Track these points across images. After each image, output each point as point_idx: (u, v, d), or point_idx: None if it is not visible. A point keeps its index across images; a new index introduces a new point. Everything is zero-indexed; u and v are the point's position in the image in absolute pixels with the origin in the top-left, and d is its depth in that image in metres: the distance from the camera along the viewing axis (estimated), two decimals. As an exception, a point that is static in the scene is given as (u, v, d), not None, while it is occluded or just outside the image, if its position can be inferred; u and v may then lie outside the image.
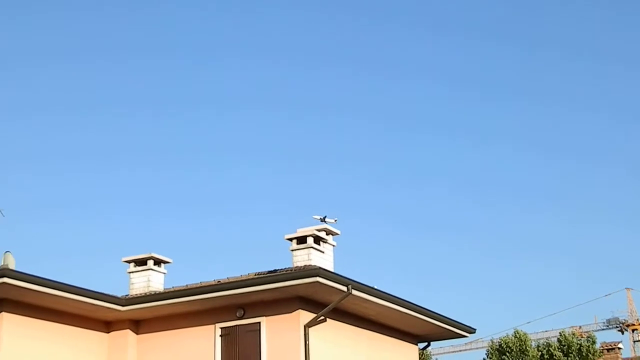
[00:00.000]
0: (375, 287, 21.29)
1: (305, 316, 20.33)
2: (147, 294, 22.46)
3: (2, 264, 20.28)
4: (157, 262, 23.66)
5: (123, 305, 21.37)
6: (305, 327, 20.18)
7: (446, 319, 24.44)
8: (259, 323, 20.64)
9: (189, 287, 22.07)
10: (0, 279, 18.84)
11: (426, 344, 26.12)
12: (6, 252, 20.66)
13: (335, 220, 22.38)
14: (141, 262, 23.58)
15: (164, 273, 23.76)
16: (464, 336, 26.07)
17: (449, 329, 24.89)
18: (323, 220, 22.19)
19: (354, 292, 20.25)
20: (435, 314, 23.83)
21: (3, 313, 19.71)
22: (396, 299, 21.95)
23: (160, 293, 22.17)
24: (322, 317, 20.58)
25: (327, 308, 20.36)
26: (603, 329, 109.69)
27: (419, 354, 26.14)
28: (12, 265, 20.22)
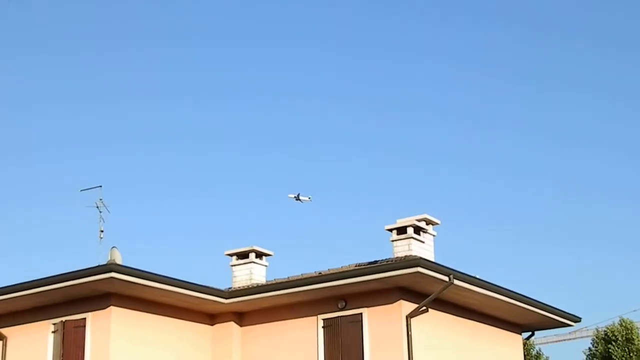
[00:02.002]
0: (477, 276, 21.09)
1: (407, 307, 20.25)
2: (250, 286, 22.63)
3: (109, 259, 20.61)
4: (259, 254, 23.85)
5: (226, 298, 21.56)
6: (407, 317, 20.10)
7: (551, 308, 24.06)
8: (361, 314, 20.59)
9: (290, 279, 22.19)
10: (108, 274, 19.18)
11: (530, 333, 25.80)
12: (112, 247, 21.00)
13: (310, 198, 22.29)
14: (243, 255, 23.81)
15: (266, 265, 23.95)
16: (569, 325, 25.70)
17: (554, 318, 24.52)
18: (297, 198, 22.06)
19: (456, 281, 20.09)
20: (539, 303, 23.47)
21: (111, 307, 20.10)
22: (499, 288, 21.69)
23: (262, 285, 22.33)
24: (424, 308, 20.47)
25: (428, 298, 20.24)
26: None
27: (523, 344, 25.76)
28: (118, 260, 20.53)
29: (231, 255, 23.95)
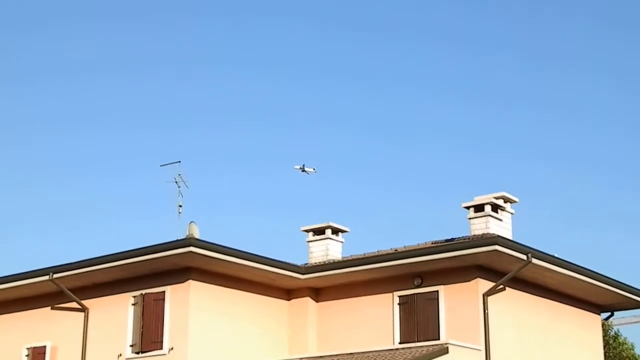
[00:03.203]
0: (556, 255, 20.89)
1: (484, 285, 20.16)
2: (326, 262, 22.65)
3: (188, 233, 20.75)
4: (335, 231, 23.83)
5: (303, 274, 21.61)
6: (484, 296, 20.04)
7: (631, 288, 23.65)
8: (437, 292, 20.58)
9: (366, 255, 22.15)
10: (187, 248, 19.40)
11: (609, 314, 25.42)
12: (191, 222, 21.17)
13: (314, 169, 22.25)
14: (320, 232, 23.81)
15: (342, 242, 23.92)
16: (649, 306, 25.14)
17: (634, 299, 24.10)
18: (302, 169, 22.12)
19: (534, 260, 19.91)
20: (620, 283, 23.10)
21: (190, 281, 20.33)
22: (579, 267, 21.43)
23: (338, 262, 22.36)
24: (501, 286, 20.35)
25: (506, 277, 20.10)
26: None
27: (602, 325, 25.47)
28: (196, 235, 20.66)
29: (307, 231, 23.98)
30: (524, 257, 19.76)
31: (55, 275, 21.32)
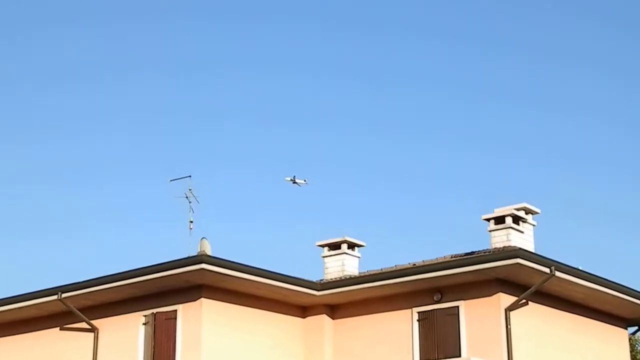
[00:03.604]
0: (580, 267, 20.49)
1: (506, 299, 19.79)
2: (342, 278, 22.40)
3: (199, 250, 20.52)
4: (351, 245, 23.55)
5: (318, 290, 21.35)
6: (506, 310, 19.65)
7: (659, 302, 22.96)
8: (458, 307, 20.26)
9: (384, 270, 21.89)
10: (199, 265, 19.16)
11: (636, 328, 24.85)
12: (202, 238, 20.95)
13: (305, 181, 22.25)
14: (335, 246, 23.54)
15: (358, 257, 23.65)
16: (678, 319, 24.53)
17: (662, 312, 23.49)
18: (293, 181, 22.04)
19: (557, 273, 19.50)
20: (647, 296, 22.51)
21: (202, 299, 20.07)
22: (604, 280, 20.95)
23: (355, 277, 22.09)
24: (524, 300, 19.95)
25: (528, 291, 19.70)
26: None
27: (629, 339, 24.85)
28: (208, 251, 20.44)
29: (323, 246, 23.71)
30: (547, 270, 19.35)
31: (64, 295, 21.06)
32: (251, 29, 56.26)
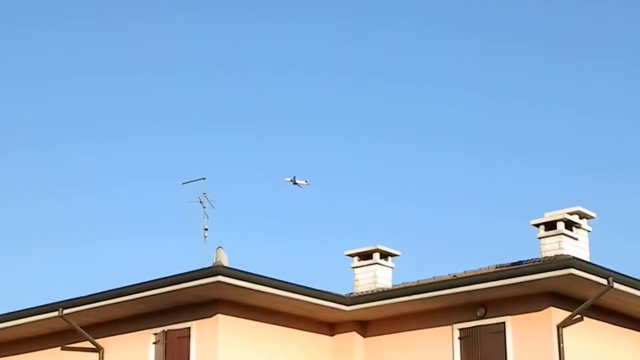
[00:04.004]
0: (642, 279, 19.64)
1: (558, 314, 18.89)
2: (374, 291, 21.68)
3: (215, 260, 19.98)
4: (384, 255, 22.75)
5: (348, 305, 20.62)
6: (558, 327, 18.76)
7: None
8: (504, 323, 19.39)
9: (420, 283, 21.19)
10: (215, 277, 18.56)
11: None
12: (218, 247, 20.39)
13: (307, 182, 22.09)
14: (366, 256, 22.79)
15: (392, 267, 22.92)
16: None
17: None
18: (293, 181, 21.90)
19: (616, 285, 18.52)
20: None
21: (218, 315, 19.43)
22: (670, 292, 20.02)
23: (388, 290, 21.30)
24: (578, 316, 19.00)
25: (583, 305, 18.75)
26: None
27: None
28: (225, 262, 19.89)
29: (352, 255, 22.94)
30: (604, 281, 18.41)
31: (66, 311, 20.38)
32: (271, 25, 55.40)
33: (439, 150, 55.99)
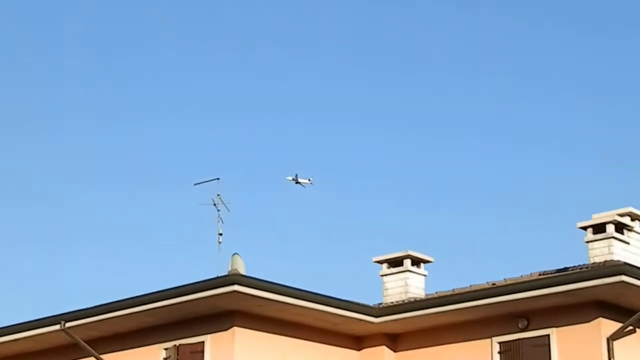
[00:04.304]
0: None
1: (608, 326, 18.17)
2: (405, 301, 21.18)
3: (230, 268, 19.33)
4: (416, 261, 22.26)
5: (377, 316, 20.00)
6: (608, 340, 18.05)
7: None
8: (548, 336, 18.74)
9: (456, 292, 20.71)
10: (231, 287, 17.90)
11: None
12: (234, 254, 19.69)
13: (310, 180, 22.08)
14: (396, 263, 22.29)
15: (425, 275, 22.42)
16: None
17: None
18: (295, 180, 21.85)
19: None
20: None
21: (234, 328, 18.78)
22: None
23: (421, 300, 20.86)
24: (630, 327, 18.23)
25: (635, 315, 17.93)
26: None
27: None
28: (242, 270, 19.19)
29: (381, 262, 22.40)
30: None
31: (68, 324, 19.76)
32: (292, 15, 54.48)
33: (474, 150, 55.02)
